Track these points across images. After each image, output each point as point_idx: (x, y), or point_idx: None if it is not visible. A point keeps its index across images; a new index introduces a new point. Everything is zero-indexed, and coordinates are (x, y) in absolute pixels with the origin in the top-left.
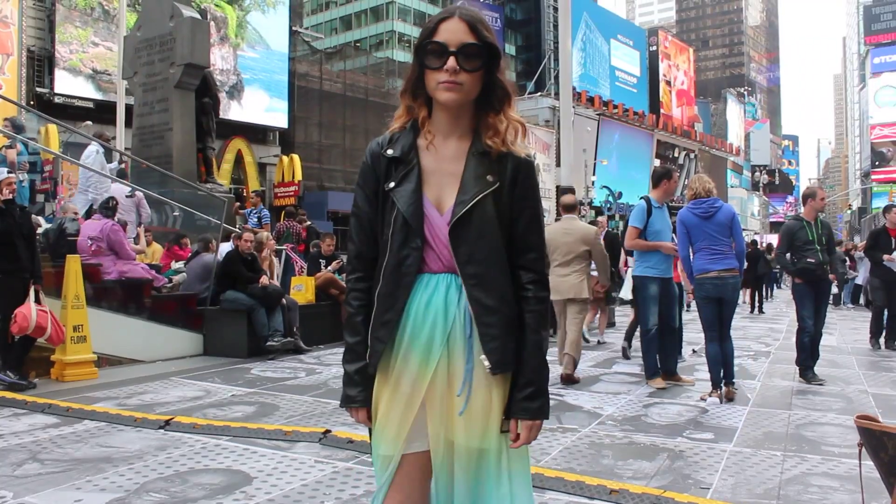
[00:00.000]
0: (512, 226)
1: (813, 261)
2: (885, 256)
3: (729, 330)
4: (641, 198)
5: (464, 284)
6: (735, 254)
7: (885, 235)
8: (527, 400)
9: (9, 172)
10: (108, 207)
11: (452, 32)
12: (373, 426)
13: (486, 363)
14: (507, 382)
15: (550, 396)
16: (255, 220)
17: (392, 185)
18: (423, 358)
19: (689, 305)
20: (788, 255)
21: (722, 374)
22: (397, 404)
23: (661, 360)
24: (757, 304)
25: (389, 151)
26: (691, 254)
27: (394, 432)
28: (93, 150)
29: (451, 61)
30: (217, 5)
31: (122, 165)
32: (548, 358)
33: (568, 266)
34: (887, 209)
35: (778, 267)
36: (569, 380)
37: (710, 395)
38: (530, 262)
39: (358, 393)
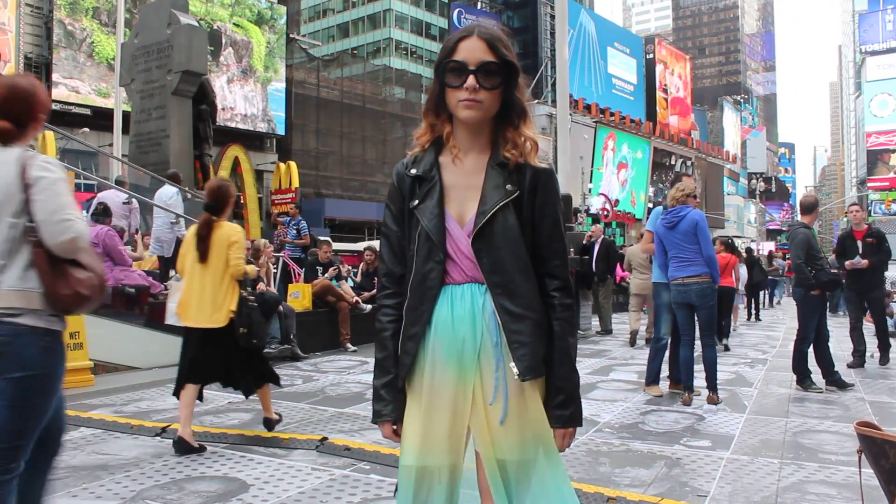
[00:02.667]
0: (534, 234)
1: (835, 271)
2: (848, 262)
3: (710, 337)
4: (657, 203)
5: (490, 293)
6: (704, 260)
7: (850, 240)
8: (558, 408)
9: None
10: (99, 213)
11: (471, 51)
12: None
13: (515, 370)
14: (540, 390)
15: None
16: (295, 231)
17: (416, 202)
18: (458, 371)
19: None
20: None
21: (703, 379)
22: (423, 416)
23: (670, 365)
24: (754, 312)
25: (413, 171)
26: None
27: (417, 444)
28: (172, 192)
29: (471, 79)
30: (237, 25)
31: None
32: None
33: (645, 274)
34: (849, 209)
35: (786, 276)
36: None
37: (681, 399)
38: (555, 270)
39: (383, 407)
